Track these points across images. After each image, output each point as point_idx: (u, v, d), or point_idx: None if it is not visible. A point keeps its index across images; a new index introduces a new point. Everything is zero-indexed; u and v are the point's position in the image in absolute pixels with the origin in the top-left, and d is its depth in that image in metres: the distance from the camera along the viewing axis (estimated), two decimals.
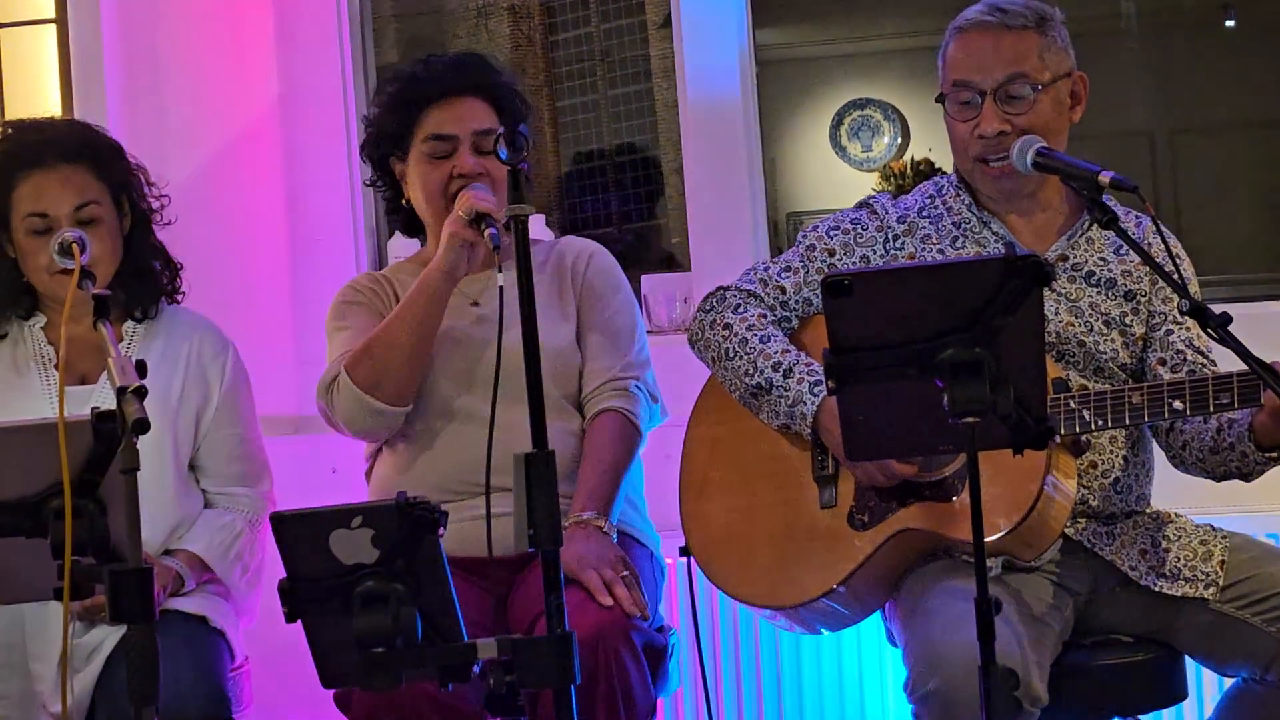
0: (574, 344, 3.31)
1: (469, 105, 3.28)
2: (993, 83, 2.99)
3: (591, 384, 3.29)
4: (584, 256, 3.39)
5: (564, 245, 3.44)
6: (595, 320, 3.34)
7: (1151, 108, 7.20)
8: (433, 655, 2.23)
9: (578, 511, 3.10)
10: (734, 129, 4.23)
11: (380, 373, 3.16)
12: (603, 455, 3.20)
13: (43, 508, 2.36)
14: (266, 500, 3.43)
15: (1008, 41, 3.00)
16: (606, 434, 3.23)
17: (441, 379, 3.25)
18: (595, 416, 3.26)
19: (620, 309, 3.37)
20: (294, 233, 4.38)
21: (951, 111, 3.06)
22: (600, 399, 3.27)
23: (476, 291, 3.34)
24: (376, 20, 4.70)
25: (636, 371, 3.31)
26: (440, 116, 3.27)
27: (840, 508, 2.98)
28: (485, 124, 3.26)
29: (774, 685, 3.92)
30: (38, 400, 3.23)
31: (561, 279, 3.36)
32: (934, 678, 2.67)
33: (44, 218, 3.21)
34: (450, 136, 3.26)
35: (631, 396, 3.27)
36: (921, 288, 2.32)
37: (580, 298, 3.35)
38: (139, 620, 2.25)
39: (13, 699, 3.18)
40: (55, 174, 3.23)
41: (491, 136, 3.23)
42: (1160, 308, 3.06)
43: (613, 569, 2.96)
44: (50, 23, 4.27)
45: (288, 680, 3.32)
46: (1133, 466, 3.04)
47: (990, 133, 2.99)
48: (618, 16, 6.04)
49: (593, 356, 3.31)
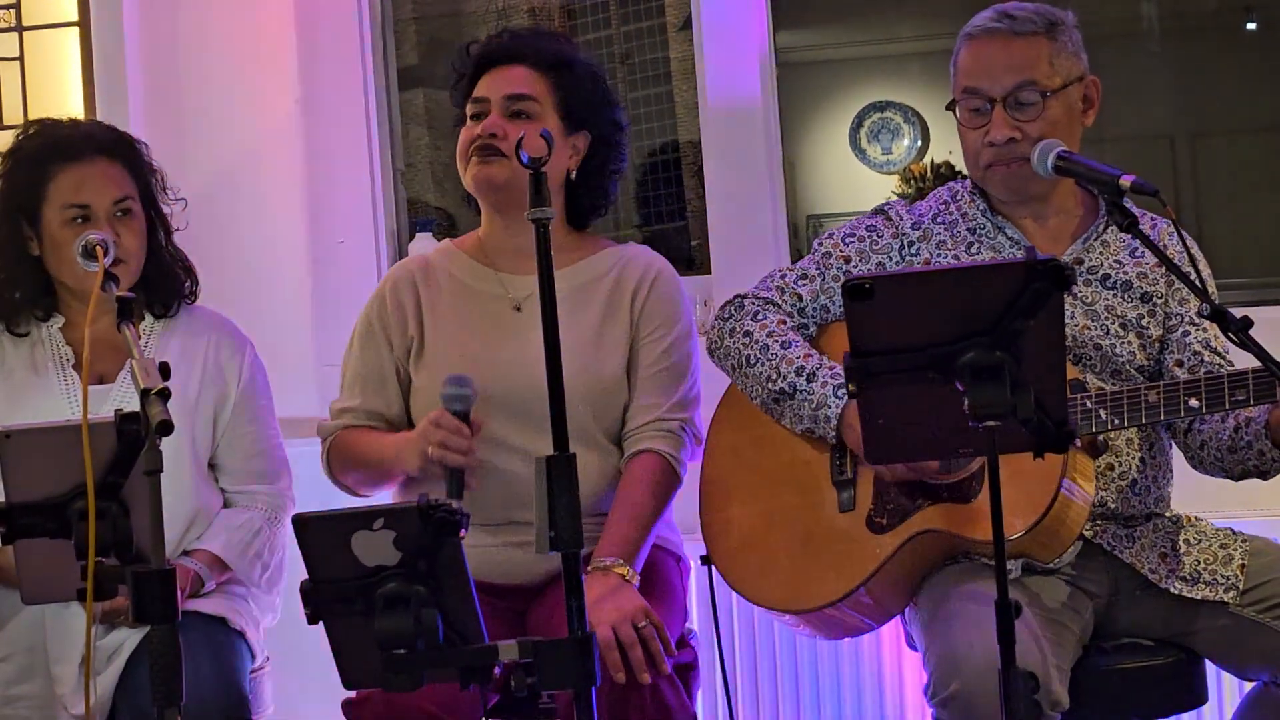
0: (622, 380, 3.18)
1: (511, 72, 3.22)
2: (1002, 90, 2.99)
3: (636, 420, 3.16)
4: (648, 277, 3.24)
5: (629, 258, 3.28)
6: (649, 353, 3.20)
7: (1172, 110, 7.17)
8: (454, 657, 2.23)
9: (601, 556, 2.99)
10: (754, 131, 4.23)
11: (350, 476, 3.26)
12: (637, 502, 3.07)
13: (67, 509, 2.37)
14: (285, 498, 3.43)
15: (1017, 48, 3.00)
16: (645, 479, 3.10)
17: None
18: (635, 455, 3.13)
19: (677, 342, 3.22)
20: (314, 235, 4.39)
21: (962, 119, 3.06)
22: (643, 438, 3.14)
23: (522, 295, 3.22)
24: (396, 23, 4.71)
25: (685, 412, 3.18)
26: (485, 82, 3.24)
27: (859, 511, 2.98)
28: (520, 89, 3.19)
29: (794, 690, 3.92)
30: (56, 400, 3.24)
31: (620, 300, 3.22)
32: (955, 681, 2.68)
33: (84, 208, 3.23)
34: (483, 99, 3.22)
35: (677, 440, 3.15)
36: (943, 291, 2.32)
37: (637, 325, 3.21)
38: (162, 621, 2.25)
39: (34, 700, 3.18)
40: (94, 167, 3.27)
41: (525, 102, 3.18)
42: (1176, 309, 3.06)
43: (629, 625, 2.83)
44: (73, 26, 4.29)
45: (309, 681, 3.32)
46: (1150, 468, 3.04)
47: (1000, 140, 2.99)
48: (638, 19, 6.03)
49: (641, 392, 3.18)
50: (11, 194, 3.29)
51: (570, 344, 3.03)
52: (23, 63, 4.30)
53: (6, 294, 3.31)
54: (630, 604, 2.88)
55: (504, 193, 3.17)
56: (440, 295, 3.26)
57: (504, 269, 3.25)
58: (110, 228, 3.21)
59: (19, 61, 4.30)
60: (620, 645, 2.81)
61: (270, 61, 4.39)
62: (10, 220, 3.29)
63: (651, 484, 3.10)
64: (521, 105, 3.18)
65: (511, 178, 3.13)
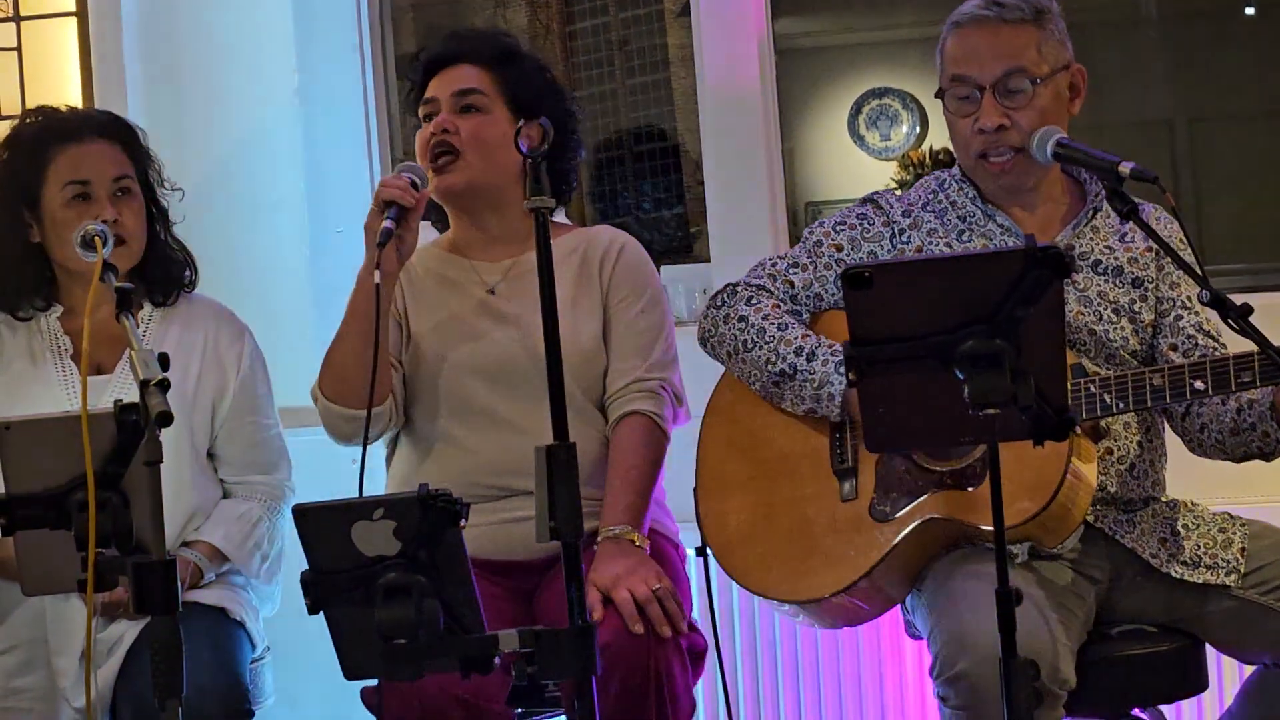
0: (599, 343, 3.25)
1: (456, 71, 3.28)
2: (991, 77, 2.99)
3: (616, 384, 3.23)
4: (614, 249, 3.32)
5: (593, 235, 3.38)
6: (622, 318, 3.27)
7: (1170, 96, 7.18)
8: (454, 646, 2.24)
9: (609, 525, 3.05)
10: (753, 118, 4.23)
11: (339, 379, 3.15)
12: (632, 464, 3.13)
13: (66, 500, 2.36)
14: (285, 488, 3.43)
15: (1005, 35, 3.00)
16: (634, 440, 3.16)
17: (458, 373, 3.23)
18: (621, 419, 3.19)
19: (649, 306, 3.28)
20: (313, 224, 4.39)
21: (951, 107, 3.07)
22: (626, 401, 3.20)
23: (495, 279, 3.31)
24: (394, 10, 4.71)
25: (663, 373, 3.24)
26: (433, 84, 3.30)
27: (861, 500, 2.98)
28: (465, 85, 3.26)
29: (794, 681, 3.92)
30: (54, 390, 3.24)
31: (588, 272, 3.30)
32: (962, 660, 2.69)
33: (84, 184, 3.24)
34: (432, 100, 3.29)
35: (658, 399, 3.21)
36: (942, 280, 2.32)
37: (607, 293, 3.29)
38: (162, 612, 2.25)
39: (35, 693, 3.19)
40: (93, 146, 3.28)
41: (470, 96, 3.25)
42: (1168, 293, 3.07)
43: (646, 585, 2.91)
44: (70, 16, 4.28)
45: (310, 671, 3.33)
46: (1147, 452, 3.05)
47: (990, 127, 3.00)
48: (635, 5, 6.03)
49: (618, 356, 3.25)
50: (11, 179, 3.29)
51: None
52: (20, 53, 4.29)
53: (7, 281, 3.31)
54: (648, 569, 2.95)
55: (464, 197, 3.27)
56: (421, 290, 3.32)
57: (475, 258, 3.33)
58: (111, 206, 3.22)
59: (16, 52, 4.29)
60: (638, 604, 2.87)
61: (268, 50, 4.38)
62: (10, 207, 3.29)
63: (642, 445, 3.16)
64: (469, 99, 3.25)
65: (469, 181, 3.23)
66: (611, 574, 2.93)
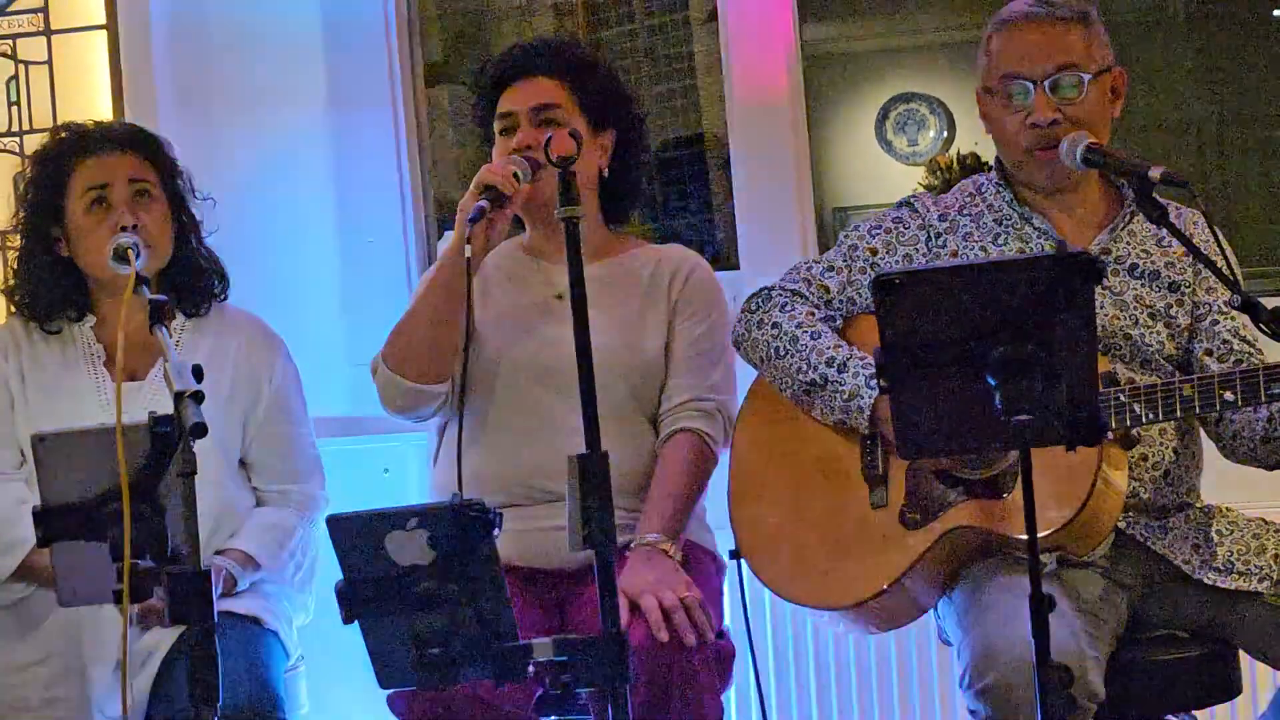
0: (661, 360, 3.25)
1: (532, 84, 3.28)
2: (1044, 73, 2.99)
3: (672, 401, 3.23)
4: (685, 268, 3.33)
5: (665, 253, 3.39)
6: (685, 337, 3.27)
7: (1200, 99, 7.15)
8: (488, 655, 2.24)
9: (643, 534, 3.06)
10: (781, 125, 4.23)
11: (405, 351, 3.17)
12: (677, 481, 3.14)
13: (101, 511, 2.38)
14: (318, 497, 3.45)
15: (1058, 32, 3.01)
16: (682, 457, 3.17)
17: (514, 370, 3.23)
18: (672, 435, 3.20)
19: (713, 328, 3.28)
20: (343, 234, 4.40)
21: (1000, 104, 3.06)
22: (679, 418, 3.21)
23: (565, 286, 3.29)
24: (422, 20, 4.72)
25: (720, 395, 3.24)
26: (508, 96, 3.29)
27: (891, 507, 2.98)
28: (545, 99, 3.26)
29: (829, 686, 3.92)
30: (87, 399, 3.26)
31: (658, 288, 3.30)
32: (992, 671, 2.67)
33: (101, 188, 3.27)
34: (509, 114, 3.28)
35: (713, 420, 3.21)
36: (973, 285, 2.31)
37: (674, 310, 3.29)
38: (198, 621, 2.27)
39: (70, 703, 3.20)
40: (111, 156, 3.32)
41: (552, 110, 3.24)
42: (1205, 298, 3.05)
43: (674, 593, 2.91)
44: (100, 29, 4.30)
45: (344, 680, 3.34)
46: (1182, 458, 3.03)
47: (1044, 121, 2.99)
48: (662, 13, 6.03)
49: (677, 373, 3.25)
50: (36, 194, 3.33)
51: (612, 323, 3.16)
52: (51, 66, 4.31)
53: (39, 295, 3.34)
54: (676, 578, 2.96)
55: (549, 207, 3.21)
56: (489, 283, 3.32)
57: (548, 260, 3.33)
58: (129, 210, 3.24)
59: (47, 65, 4.31)
60: (664, 612, 2.87)
61: (297, 61, 4.40)
62: (38, 222, 3.32)
63: (689, 463, 3.17)
64: (549, 114, 3.25)
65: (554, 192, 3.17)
66: (640, 581, 2.93)
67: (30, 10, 4.32)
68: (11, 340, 3.36)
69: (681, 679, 2.86)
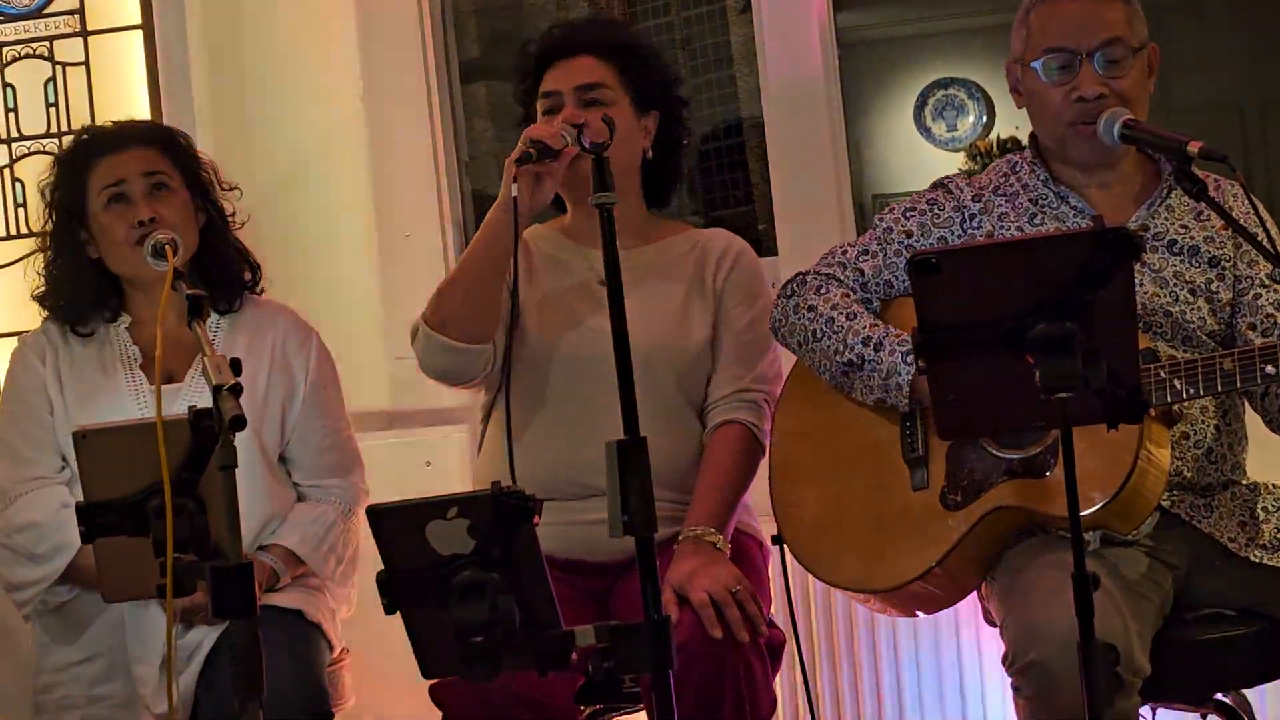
0: (707, 349, 3.23)
1: (577, 63, 3.25)
2: (1090, 46, 2.98)
3: (719, 392, 3.21)
4: (730, 255, 3.30)
5: (708, 238, 3.35)
6: (732, 327, 3.25)
7: (1241, 78, 7.10)
8: (531, 643, 2.24)
9: (691, 525, 3.04)
10: (817, 112, 4.22)
11: (445, 309, 3.12)
12: (725, 474, 3.12)
13: (144, 507, 2.39)
14: (359, 490, 3.45)
15: (1101, 6, 3.01)
16: (730, 448, 3.15)
17: (557, 356, 3.20)
18: (719, 427, 3.18)
19: (759, 317, 3.24)
20: (381, 229, 4.40)
21: (1044, 78, 3.03)
22: (726, 409, 3.19)
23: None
24: (457, 15, 4.72)
25: (767, 386, 3.23)
26: (551, 75, 3.26)
27: (932, 489, 2.97)
28: (591, 79, 3.23)
29: (872, 669, 3.90)
30: (124, 400, 3.27)
31: (702, 276, 3.27)
32: (1034, 650, 2.66)
33: (118, 184, 3.28)
34: (554, 93, 3.25)
35: (759, 411, 3.20)
36: (1010, 264, 2.31)
37: (720, 299, 3.26)
38: (241, 615, 2.27)
39: (116, 700, 3.22)
40: (125, 153, 3.32)
41: (598, 90, 3.21)
42: (1246, 271, 3.03)
43: (723, 585, 2.89)
44: (136, 29, 4.32)
45: (388, 671, 3.34)
46: (1225, 436, 3.01)
47: (1091, 95, 2.97)
48: (698, 3, 6.01)
49: (724, 364, 3.23)
50: (61, 196, 3.35)
51: (656, 314, 3.12)
52: (88, 67, 4.33)
53: (73, 299, 3.35)
54: (725, 570, 2.94)
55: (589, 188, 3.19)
56: (534, 266, 3.31)
57: (589, 245, 3.27)
58: (146, 204, 3.25)
59: (84, 66, 4.33)
60: (716, 606, 2.85)
61: (333, 58, 4.41)
62: (66, 226, 3.34)
63: (737, 454, 3.15)
64: (594, 94, 3.22)
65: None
66: (686, 572, 2.92)
67: (66, 11, 4.34)
68: (48, 344, 3.37)
69: (735, 674, 2.85)
